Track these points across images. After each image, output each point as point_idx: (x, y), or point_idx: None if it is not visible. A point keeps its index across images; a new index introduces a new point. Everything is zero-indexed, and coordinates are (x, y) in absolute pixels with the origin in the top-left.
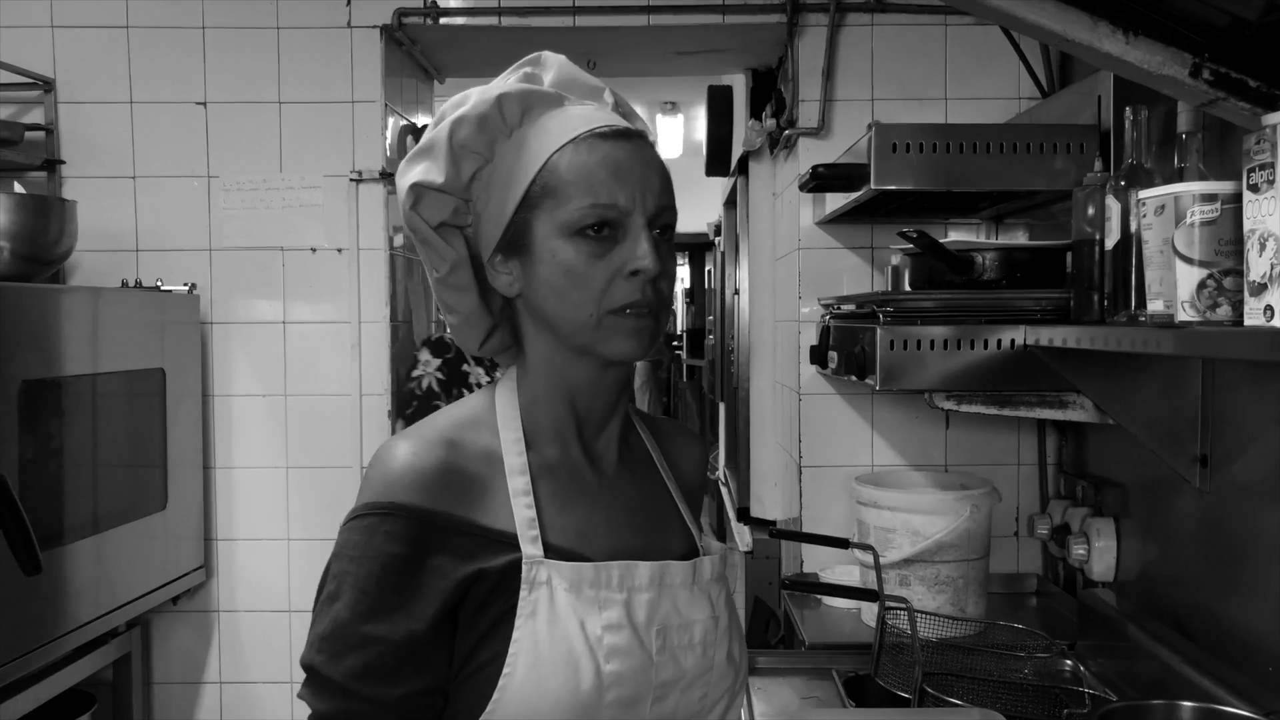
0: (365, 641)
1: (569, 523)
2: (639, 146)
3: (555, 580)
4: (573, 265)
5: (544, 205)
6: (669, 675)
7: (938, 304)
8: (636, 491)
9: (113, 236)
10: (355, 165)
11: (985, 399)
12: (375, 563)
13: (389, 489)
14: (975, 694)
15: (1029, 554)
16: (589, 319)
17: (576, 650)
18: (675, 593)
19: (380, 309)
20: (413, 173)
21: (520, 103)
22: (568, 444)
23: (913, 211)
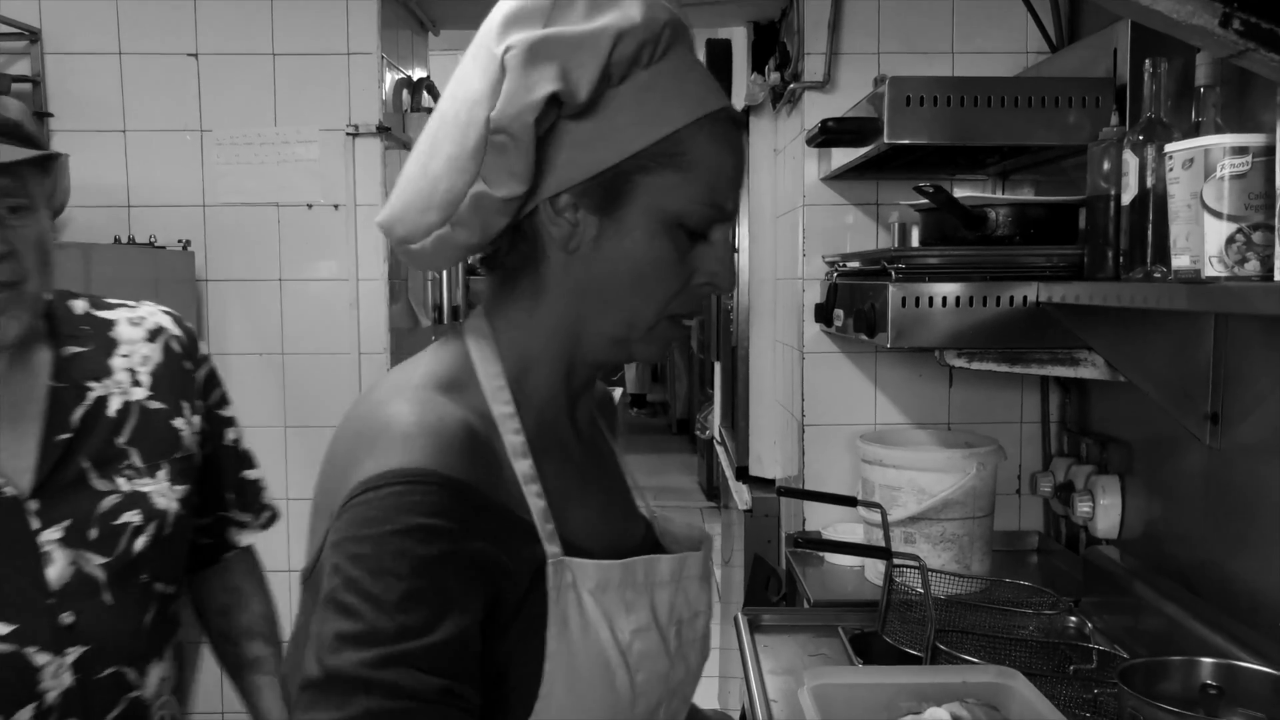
0: (398, 634)
1: (573, 509)
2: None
3: (580, 582)
4: (665, 258)
5: (661, 174)
6: (681, 674)
7: (950, 260)
8: (603, 464)
9: (104, 192)
10: (351, 119)
11: (996, 356)
12: (406, 539)
13: (409, 453)
14: (983, 650)
15: (1031, 512)
16: (650, 318)
17: (611, 661)
18: (689, 584)
19: (379, 266)
20: (549, 74)
21: (673, 34)
22: (558, 417)
23: (919, 167)
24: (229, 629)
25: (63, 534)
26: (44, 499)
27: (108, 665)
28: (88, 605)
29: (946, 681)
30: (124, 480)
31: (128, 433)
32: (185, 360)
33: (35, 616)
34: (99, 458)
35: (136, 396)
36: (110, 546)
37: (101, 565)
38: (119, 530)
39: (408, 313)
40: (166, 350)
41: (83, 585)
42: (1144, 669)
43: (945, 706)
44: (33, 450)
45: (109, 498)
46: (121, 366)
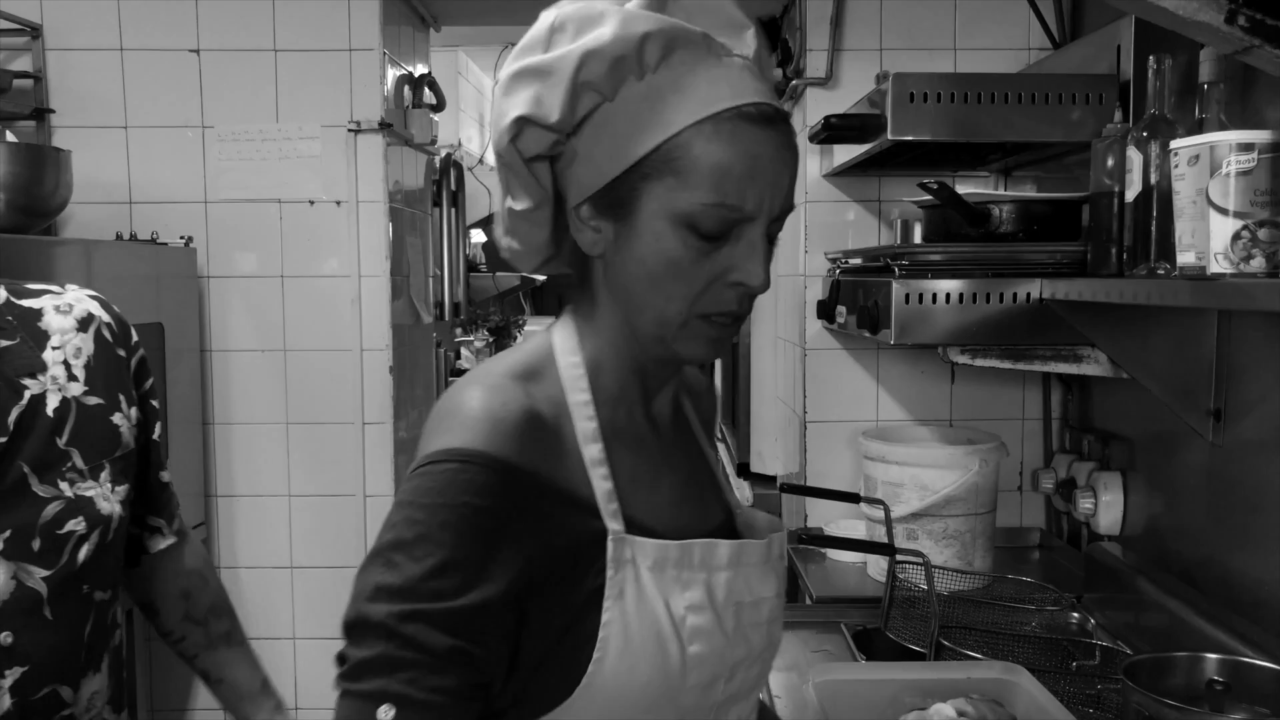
0: (429, 595)
1: (641, 493)
2: (781, 134)
3: (639, 559)
4: (677, 257)
5: (662, 179)
6: (740, 654)
7: (954, 256)
8: (685, 455)
9: (105, 188)
10: (353, 115)
11: (1000, 353)
12: (452, 513)
13: (469, 435)
14: (986, 646)
15: (1032, 508)
16: (676, 316)
17: (664, 632)
18: (750, 570)
19: (380, 263)
20: (520, 100)
21: (664, 43)
22: (633, 408)
23: (921, 164)
24: (193, 610)
25: (3, 546)
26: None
27: (44, 685)
28: (28, 623)
29: (951, 678)
30: (66, 485)
31: (67, 433)
32: (118, 348)
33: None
34: (39, 462)
35: (73, 392)
36: (54, 558)
37: (44, 578)
38: (63, 540)
39: (410, 309)
40: (99, 339)
41: (23, 601)
42: (1149, 665)
43: (950, 702)
44: None
45: (51, 505)
46: (56, 360)
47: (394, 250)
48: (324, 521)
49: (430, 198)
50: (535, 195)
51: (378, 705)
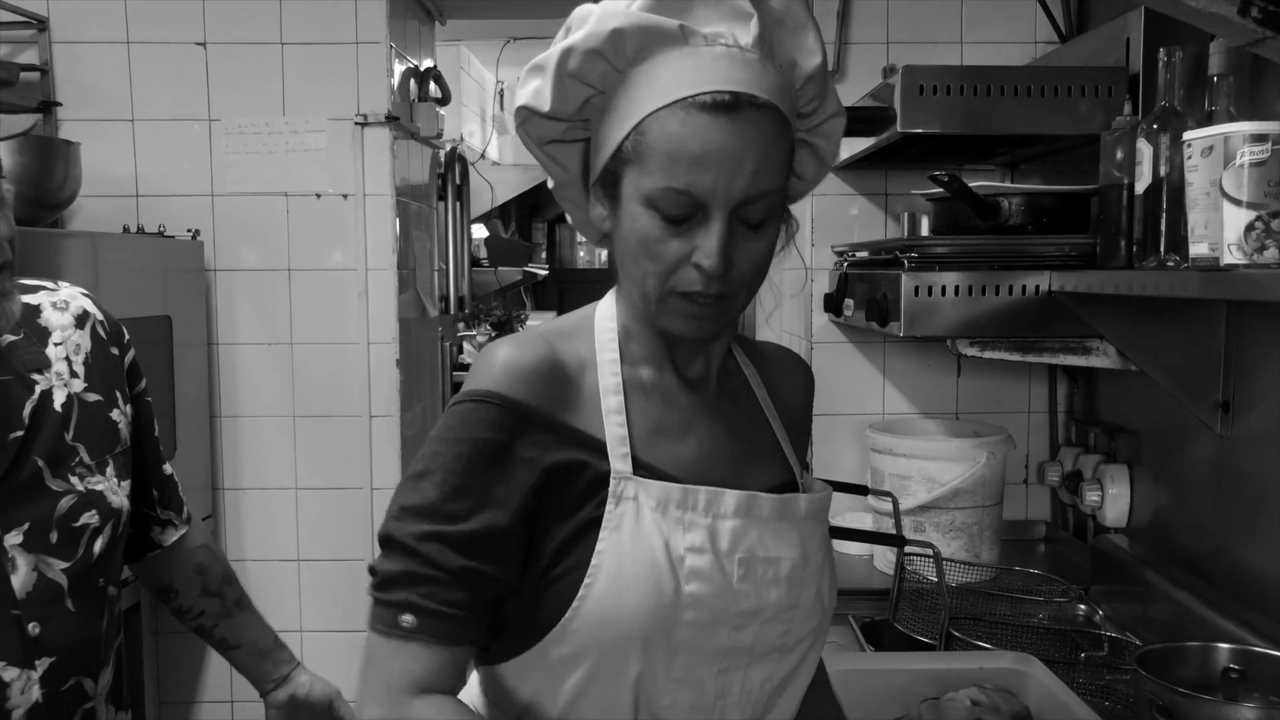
0: (445, 517)
1: (660, 443)
2: (743, 122)
3: (642, 497)
4: (646, 236)
5: (632, 165)
6: (749, 606)
7: (963, 249)
8: (733, 419)
9: (112, 181)
10: (360, 108)
11: (1008, 345)
12: (466, 445)
13: (488, 380)
14: (995, 637)
15: (1038, 501)
16: (653, 291)
17: (659, 565)
18: (763, 525)
19: (387, 256)
20: (523, 92)
21: (637, 39)
22: (662, 368)
23: (928, 157)
24: (209, 583)
25: (22, 538)
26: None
27: (70, 676)
28: (52, 614)
29: (964, 668)
30: (76, 479)
31: (74, 428)
32: (112, 346)
33: (2, 629)
34: (51, 456)
35: (75, 389)
36: (72, 550)
37: (63, 570)
38: (79, 532)
39: (416, 303)
40: (95, 336)
41: (46, 592)
42: (1161, 654)
43: (964, 692)
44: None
45: (65, 498)
46: (58, 356)
47: (400, 244)
48: (331, 514)
49: (435, 191)
50: (556, 175)
51: (401, 614)
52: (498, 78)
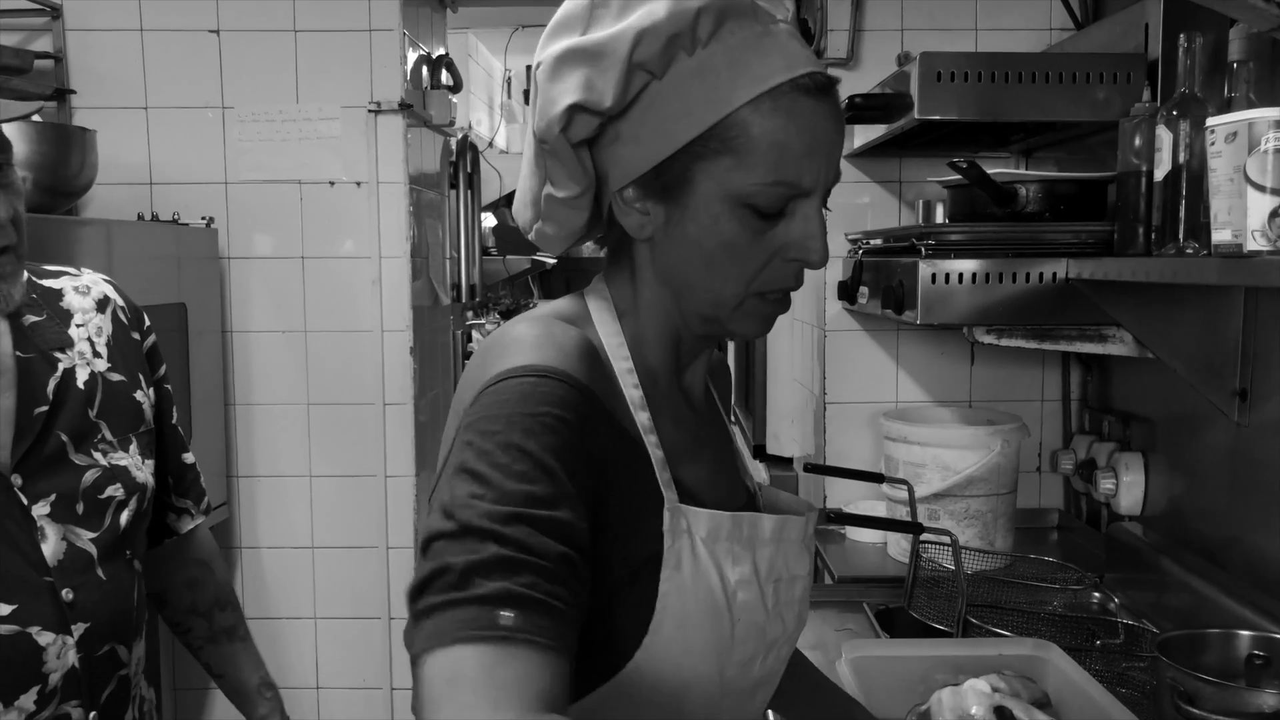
0: (526, 500)
1: (687, 465)
2: (833, 104)
3: (694, 528)
4: (734, 239)
5: (718, 159)
6: (776, 633)
7: (980, 236)
8: (716, 433)
9: (126, 169)
10: (373, 96)
11: (1025, 333)
12: (535, 421)
13: (538, 355)
14: (1010, 625)
15: (1050, 489)
16: (733, 298)
17: (718, 605)
18: (789, 547)
19: (401, 244)
20: (570, 86)
21: (716, 15)
22: (670, 382)
23: (942, 145)
24: (197, 602)
25: (50, 509)
26: (25, 473)
27: (105, 643)
28: (84, 581)
29: (982, 654)
30: (100, 455)
31: (97, 405)
32: (133, 331)
33: (35, 594)
34: (75, 431)
35: (99, 368)
36: (98, 521)
37: (91, 539)
38: (104, 504)
39: (429, 290)
40: (116, 320)
41: (76, 560)
42: (1181, 641)
43: (983, 678)
44: (8, 425)
45: (90, 472)
46: (80, 337)
47: (414, 231)
48: (345, 502)
49: (447, 180)
50: (581, 182)
51: (498, 609)
52: (505, 66)
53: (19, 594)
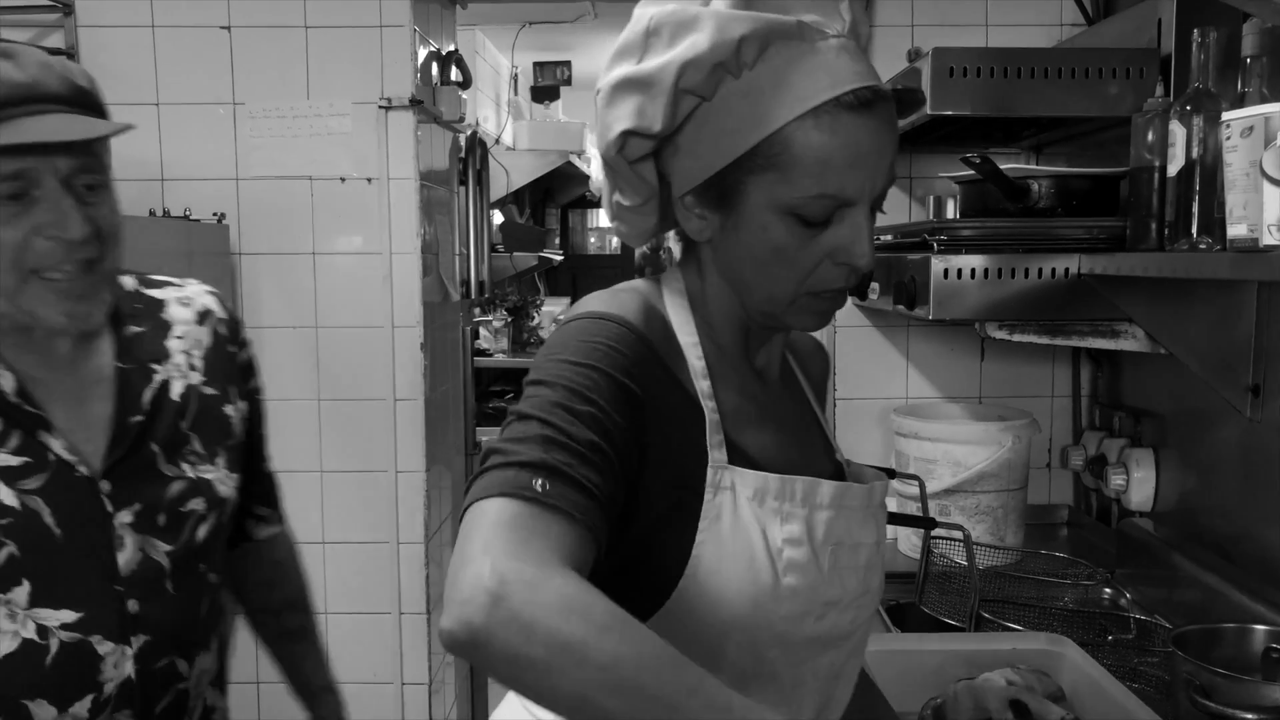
0: (574, 394)
1: (748, 433)
2: (880, 116)
3: (739, 487)
4: (783, 245)
5: (765, 174)
6: (834, 595)
7: (992, 232)
8: (792, 410)
9: (137, 165)
10: (384, 92)
11: (1037, 328)
12: (593, 347)
13: (603, 307)
14: (1023, 620)
15: (1060, 485)
16: (785, 297)
17: (758, 559)
18: (851, 514)
19: (411, 240)
20: (624, 113)
21: (760, 42)
22: (738, 359)
23: (952, 141)
24: (270, 601)
25: (133, 518)
26: (114, 481)
27: (163, 656)
28: (151, 593)
29: (996, 648)
30: (188, 466)
31: (190, 418)
32: (230, 344)
33: (103, 604)
34: (166, 442)
35: (194, 381)
36: (176, 534)
37: (167, 553)
38: (185, 517)
39: (439, 286)
40: (214, 334)
41: (148, 572)
42: (1197, 636)
43: (998, 672)
44: (104, 432)
45: (176, 483)
46: (178, 349)
47: (424, 228)
48: (356, 497)
49: (456, 176)
50: (642, 192)
51: (534, 477)
52: (513, 63)
53: (86, 602)
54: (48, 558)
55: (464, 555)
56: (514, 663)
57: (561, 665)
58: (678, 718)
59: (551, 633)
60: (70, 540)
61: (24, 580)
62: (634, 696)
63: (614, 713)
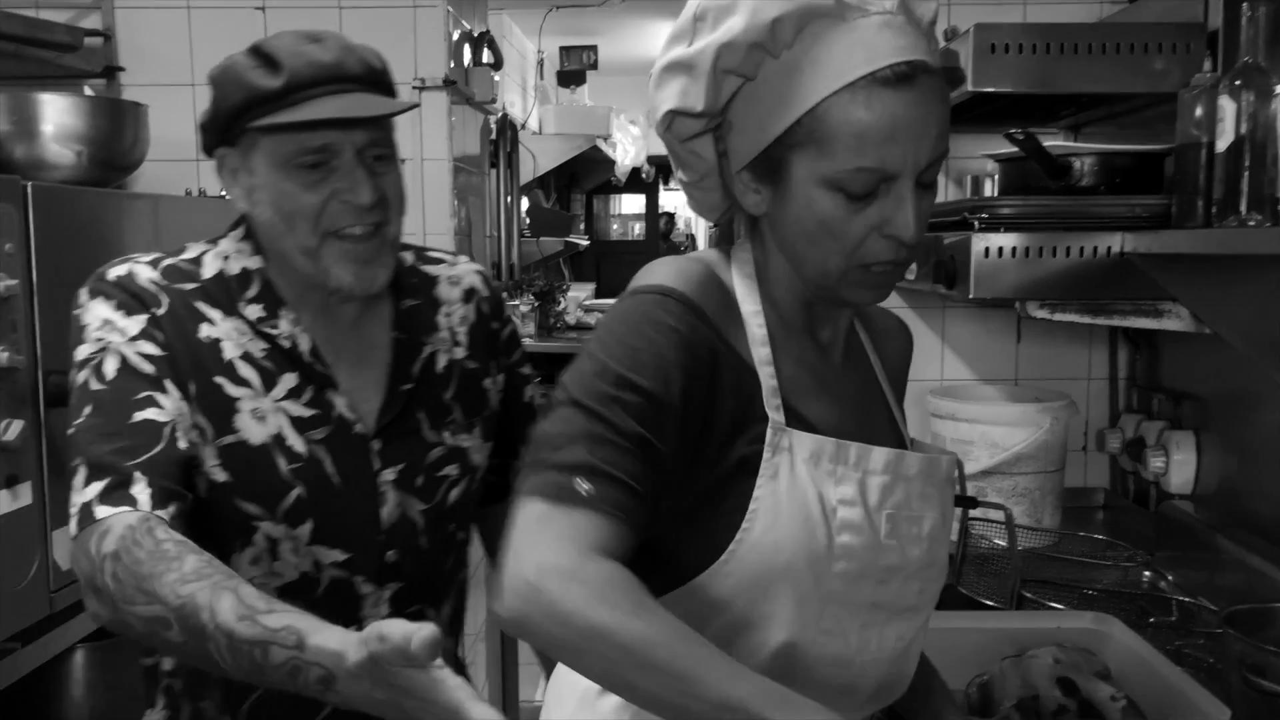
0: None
1: (806, 399)
2: (922, 90)
3: (796, 448)
4: (828, 218)
5: (806, 149)
6: (894, 561)
7: (1035, 210)
8: (856, 384)
9: (173, 146)
10: (418, 73)
11: (1079, 307)
12: (647, 325)
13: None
14: (1063, 601)
15: (1096, 468)
16: (836, 269)
17: (813, 516)
18: (909, 484)
19: (445, 222)
20: (669, 94)
21: (796, 23)
22: (799, 330)
23: (989, 120)
24: None
25: (395, 476)
26: (384, 441)
27: (415, 603)
28: (407, 546)
29: (1041, 627)
30: (448, 434)
31: (452, 389)
32: (493, 321)
33: (366, 550)
34: (431, 410)
35: (458, 355)
36: (430, 495)
37: (421, 511)
38: (439, 481)
39: None
40: (479, 311)
41: (404, 527)
42: (1248, 615)
43: (1045, 650)
44: (378, 396)
45: (435, 449)
46: (445, 325)
47: (458, 210)
48: None
49: (487, 159)
50: (699, 168)
51: (575, 477)
52: (539, 47)
53: (353, 546)
54: (327, 502)
55: (513, 549)
56: (553, 645)
57: (592, 648)
58: (695, 688)
59: (582, 620)
60: (345, 489)
61: (308, 519)
62: (655, 672)
63: (640, 686)
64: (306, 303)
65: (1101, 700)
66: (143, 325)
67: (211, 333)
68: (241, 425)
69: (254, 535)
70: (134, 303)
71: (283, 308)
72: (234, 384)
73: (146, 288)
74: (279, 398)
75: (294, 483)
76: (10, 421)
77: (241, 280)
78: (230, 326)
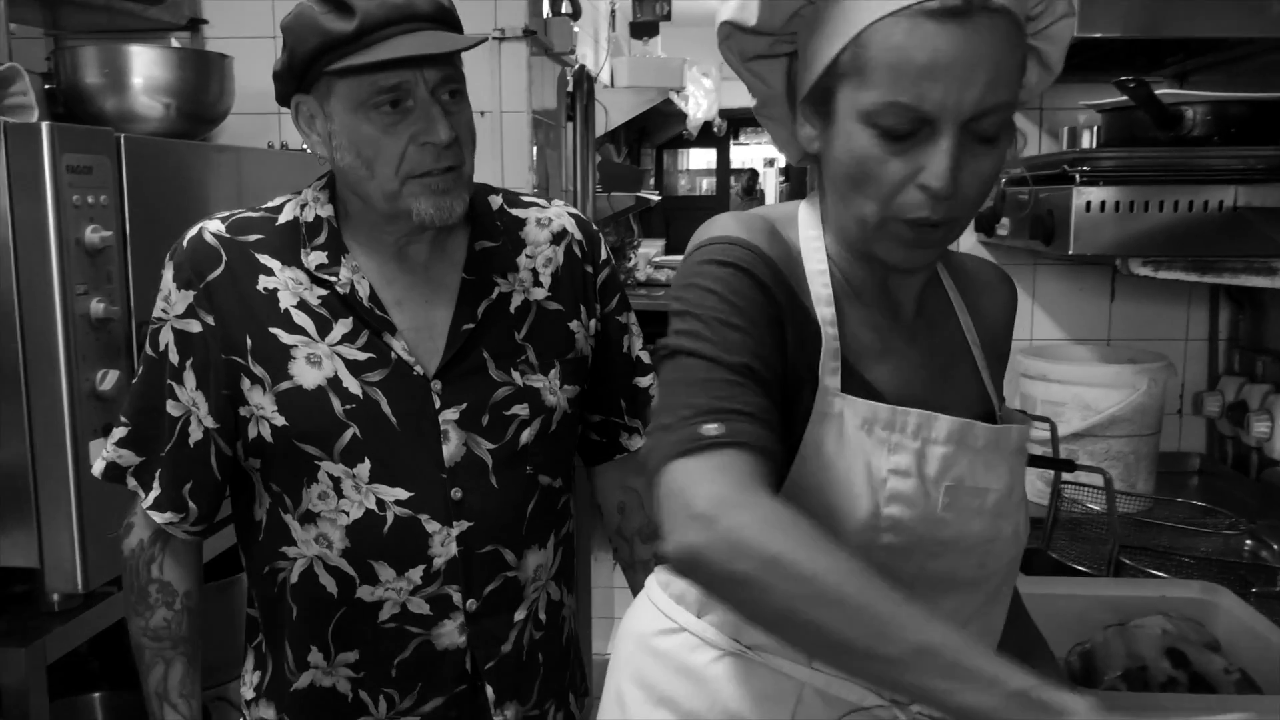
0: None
1: (868, 360)
2: (977, 28)
3: (847, 414)
4: (864, 156)
5: (849, 79)
6: (950, 535)
7: (1142, 162)
8: (933, 344)
9: (256, 98)
10: (497, 23)
11: (1185, 264)
12: (724, 270)
13: (730, 230)
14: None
15: (1191, 432)
16: (872, 216)
17: (856, 486)
18: (975, 454)
19: (524, 175)
20: (726, 6)
21: None
22: (864, 286)
23: (1088, 69)
24: (623, 526)
25: (458, 416)
26: (446, 382)
27: (487, 543)
28: (475, 485)
29: (1145, 595)
30: (517, 375)
31: (525, 329)
32: (586, 264)
33: (429, 488)
34: (497, 350)
35: (536, 296)
36: (499, 434)
37: (490, 450)
38: (508, 420)
39: None
40: (569, 254)
41: (471, 466)
42: None
43: (1152, 619)
44: (441, 335)
45: (502, 389)
46: (526, 266)
47: (536, 163)
48: None
49: (564, 111)
50: (759, 92)
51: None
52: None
53: (416, 484)
54: (385, 441)
55: (670, 493)
56: (728, 580)
57: (768, 580)
58: (888, 629)
59: (757, 549)
60: (404, 429)
61: (365, 459)
62: (840, 607)
63: (823, 624)
64: (379, 244)
65: (1214, 673)
66: (189, 302)
67: (269, 283)
68: (296, 371)
69: (317, 474)
70: (189, 272)
71: (344, 255)
72: (289, 332)
73: (208, 246)
74: (334, 342)
75: (348, 423)
76: (106, 371)
77: (313, 227)
78: (288, 276)
